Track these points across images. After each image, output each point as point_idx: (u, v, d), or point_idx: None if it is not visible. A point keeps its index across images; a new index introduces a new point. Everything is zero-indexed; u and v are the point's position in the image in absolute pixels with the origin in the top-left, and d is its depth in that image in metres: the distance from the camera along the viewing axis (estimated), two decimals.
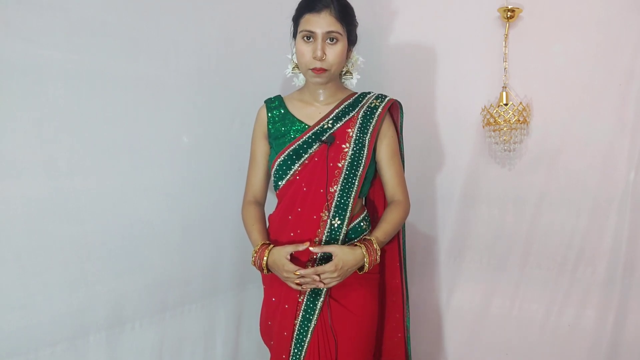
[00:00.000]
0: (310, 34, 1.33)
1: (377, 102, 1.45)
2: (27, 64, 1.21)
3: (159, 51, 1.51)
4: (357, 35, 1.44)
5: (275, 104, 1.50)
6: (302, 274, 1.27)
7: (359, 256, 1.30)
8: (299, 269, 1.28)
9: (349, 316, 1.39)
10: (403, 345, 1.57)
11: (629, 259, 1.67)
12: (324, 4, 1.31)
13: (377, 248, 1.33)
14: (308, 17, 1.33)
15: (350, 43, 1.41)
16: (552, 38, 1.72)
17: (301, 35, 1.35)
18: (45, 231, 1.26)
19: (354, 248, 1.31)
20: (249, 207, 1.49)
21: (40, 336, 1.27)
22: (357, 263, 1.30)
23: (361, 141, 1.40)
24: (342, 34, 1.34)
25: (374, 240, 1.34)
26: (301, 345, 1.39)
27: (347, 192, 1.37)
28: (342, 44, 1.35)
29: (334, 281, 1.29)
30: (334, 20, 1.31)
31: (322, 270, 1.27)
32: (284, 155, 1.40)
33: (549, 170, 1.76)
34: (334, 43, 1.33)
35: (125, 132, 1.43)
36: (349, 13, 1.37)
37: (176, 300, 1.61)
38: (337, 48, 1.34)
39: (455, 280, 1.97)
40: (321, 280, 1.28)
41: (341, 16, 1.33)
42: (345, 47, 1.37)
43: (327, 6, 1.31)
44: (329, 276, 1.27)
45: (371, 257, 1.31)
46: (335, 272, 1.27)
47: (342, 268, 1.28)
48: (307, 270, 1.27)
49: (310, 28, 1.32)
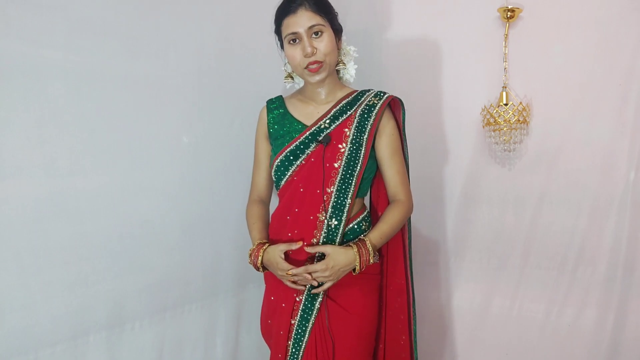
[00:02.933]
0: (294, 36, 1.33)
1: (376, 99, 1.43)
2: (27, 64, 1.21)
3: (159, 51, 1.51)
4: (340, 24, 1.43)
5: (275, 104, 1.50)
6: (295, 273, 1.29)
7: (351, 256, 1.30)
8: (292, 268, 1.30)
9: (347, 316, 1.39)
10: (408, 348, 1.53)
11: (629, 259, 1.67)
12: (298, 3, 1.32)
13: (370, 249, 1.32)
14: (287, 22, 1.34)
15: (335, 32, 1.40)
16: (552, 38, 1.71)
17: (287, 40, 1.35)
18: (45, 231, 1.26)
19: (347, 248, 1.31)
20: (252, 205, 1.51)
21: (40, 336, 1.27)
22: (349, 263, 1.30)
23: (358, 141, 1.39)
24: (324, 25, 1.34)
25: (367, 241, 1.33)
26: (299, 345, 1.39)
27: (344, 192, 1.37)
28: (328, 33, 1.35)
29: (328, 280, 1.30)
30: (312, 14, 1.32)
31: (313, 269, 1.29)
32: (282, 156, 1.40)
33: (549, 170, 1.76)
34: (319, 36, 1.34)
35: (125, 132, 1.44)
36: (324, 3, 1.37)
37: (176, 300, 1.61)
38: (324, 39, 1.34)
39: (455, 280, 1.97)
40: (314, 278, 1.30)
41: (317, 8, 1.33)
42: (332, 37, 1.36)
43: (301, 4, 1.32)
44: (320, 275, 1.29)
45: (363, 258, 1.31)
46: (326, 271, 1.28)
47: (333, 268, 1.28)
48: (298, 270, 1.29)
49: (293, 29, 1.32)
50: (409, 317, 1.52)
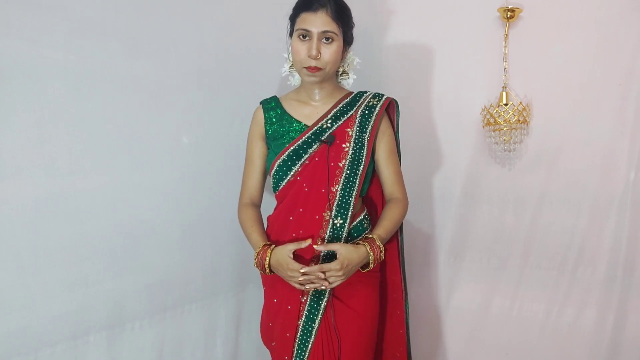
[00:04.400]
0: (306, 33, 1.33)
1: (375, 100, 1.46)
2: (27, 64, 1.21)
3: (159, 51, 1.51)
4: (353, 35, 1.44)
5: (271, 104, 1.50)
6: (307, 272, 1.25)
7: (363, 254, 1.30)
8: (304, 267, 1.26)
9: (353, 315, 1.39)
10: (405, 342, 1.58)
11: (629, 259, 1.67)
12: (321, 4, 1.32)
13: (380, 245, 1.33)
14: (304, 16, 1.33)
15: (346, 43, 1.41)
16: (552, 38, 1.72)
17: (297, 34, 1.35)
18: (45, 231, 1.26)
19: (358, 246, 1.31)
20: (245, 209, 1.48)
21: (40, 336, 1.27)
22: (361, 261, 1.30)
23: (360, 140, 1.40)
24: (337, 34, 1.34)
25: (376, 238, 1.34)
26: (305, 346, 1.39)
27: (348, 191, 1.37)
28: (338, 44, 1.35)
29: (339, 280, 1.28)
30: (330, 20, 1.32)
31: (327, 268, 1.26)
32: (283, 156, 1.40)
33: (549, 170, 1.76)
34: (329, 43, 1.34)
35: (125, 132, 1.43)
36: (346, 14, 1.38)
37: (176, 300, 1.61)
38: (332, 48, 1.34)
39: (455, 280, 1.97)
40: (326, 278, 1.27)
41: (337, 16, 1.33)
42: (340, 47, 1.37)
43: (324, 6, 1.32)
44: (334, 274, 1.26)
45: (375, 255, 1.31)
46: (340, 271, 1.26)
47: (347, 266, 1.27)
48: (312, 268, 1.26)
49: (306, 27, 1.33)
50: (404, 312, 1.57)
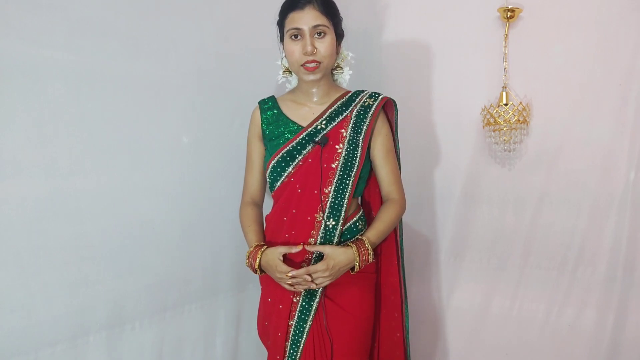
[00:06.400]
0: (297, 32, 1.33)
1: (371, 100, 1.45)
2: (27, 64, 1.21)
3: (159, 51, 1.51)
4: (343, 30, 1.44)
5: (268, 105, 1.50)
6: (294, 275, 1.27)
7: (350, 256, 1.30)
8: (291, 270, 1.28)
9: (345, 316, 1.39)
10: (402, 345, 1.56)
11: (629, 259, 1.67)
12: (306, 0, 1.32)
13: (369, 247, 1.33)
14: (292, 16, 1.34)
15: (337, 37, 1.41)
16: (552, 38, 1.72)
17: (289, 35, 1.35)
18: (45, 231, 1.26)
19: (346, 248, 1.31)
20: (246, 208, 1.50)
21: (40, 336, 1.27)
22: (348, 262, 1.30)
23: (354, 141, 1.39)
24: (328, 27, 1.35)
25: (365, 240, 1.34)
26: (297, 346, 1.39)
27: (341, 192, 1.37)
28: (330, 36, 1.36)
29: (326, 280, 1.30)
30: (319, 14, 1.33)
31: (313, 270, 1.28)
32: (277, 157, 1.40)
33: (549, 170, 1.76)
34: (322, 37, 1.34)
35: (125, 132, 1.43)
36: (332, 6, 1.39)
37: (176, 300, 1.61)
38: (326, 41, 1.35)
39: (455, 280, 1.97)
40: (313, 280, 1.28)
41: (325, 9, 1.34)
42: (334, 40, 1.37)
43: (310, 2, 1.33)
44: (321, 275, 1.28)
45: (362, 257, 1.31)
46: (326, 272, 1.28)
47: (334, 267, 1.28)
48: (299, 271, 1.28)
49: (297, 25, 1.33)
50: (402, 314, 1.54)
